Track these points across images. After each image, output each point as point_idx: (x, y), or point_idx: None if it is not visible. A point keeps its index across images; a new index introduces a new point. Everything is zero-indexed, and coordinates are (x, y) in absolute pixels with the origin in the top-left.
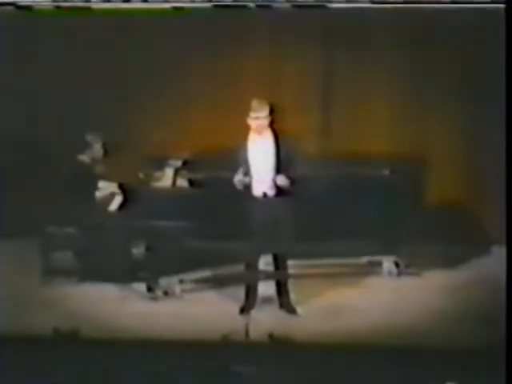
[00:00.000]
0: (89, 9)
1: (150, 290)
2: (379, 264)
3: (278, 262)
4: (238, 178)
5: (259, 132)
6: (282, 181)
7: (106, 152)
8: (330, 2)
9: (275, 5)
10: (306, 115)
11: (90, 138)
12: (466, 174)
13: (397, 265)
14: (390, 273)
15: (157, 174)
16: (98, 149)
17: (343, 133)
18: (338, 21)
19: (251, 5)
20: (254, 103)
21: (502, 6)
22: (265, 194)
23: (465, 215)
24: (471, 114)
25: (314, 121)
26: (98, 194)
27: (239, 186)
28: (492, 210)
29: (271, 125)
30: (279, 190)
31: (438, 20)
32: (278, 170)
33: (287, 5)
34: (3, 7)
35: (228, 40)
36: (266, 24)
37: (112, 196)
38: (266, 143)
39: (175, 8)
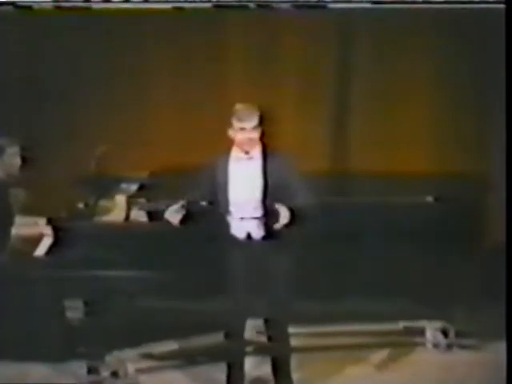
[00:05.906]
0: (89, 9)
1: (91, 370)
2: (421, 332)
3: (274, 328)
4: (174, 209)
5: (246, 148)
6: (285, 215)
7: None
8: (331, 1)
9: (275, 5)
10: (311, 125)
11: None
12: None
13: (445, 333)
14: (435, 344)
15: (103, 202)
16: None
17: (364, 146)
18: (339, 21)
19: (251, 5)
20: (240, 108)
21: (502, 6)
22: (249, 236)
23: None
24: None
25: (321, 132)
26: (17, 232)
27: (172, 221)
28: None
29: (261, 138)
30: (269, 231)
31: (438, 20)
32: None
33: (287, 5)
34: (3, 7)
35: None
36: (266, 24)
37: (39, 236)
38: (253, 164)
39: (175, 8)
